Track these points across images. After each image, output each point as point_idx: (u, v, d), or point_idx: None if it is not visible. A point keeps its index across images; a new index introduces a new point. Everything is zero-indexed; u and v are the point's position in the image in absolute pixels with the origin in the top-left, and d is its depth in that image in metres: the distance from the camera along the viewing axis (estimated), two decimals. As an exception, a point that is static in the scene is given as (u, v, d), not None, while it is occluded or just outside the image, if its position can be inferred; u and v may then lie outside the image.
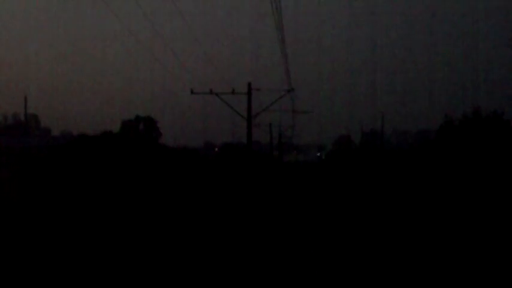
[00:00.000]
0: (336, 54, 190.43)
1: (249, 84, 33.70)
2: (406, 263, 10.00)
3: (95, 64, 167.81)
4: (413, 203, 21.46)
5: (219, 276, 8.89)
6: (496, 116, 36.38)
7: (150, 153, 32.29)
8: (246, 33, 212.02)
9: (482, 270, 9.42)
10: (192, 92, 32.65)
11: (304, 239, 12.75)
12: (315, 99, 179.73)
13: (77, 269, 9.17)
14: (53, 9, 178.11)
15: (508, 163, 28.55)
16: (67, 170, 24.03)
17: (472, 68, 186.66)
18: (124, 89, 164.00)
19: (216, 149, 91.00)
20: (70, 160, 25.57)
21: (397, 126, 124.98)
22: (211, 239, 12.54)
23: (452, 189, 26.28)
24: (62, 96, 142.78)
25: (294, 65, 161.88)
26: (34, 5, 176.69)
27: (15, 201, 18.21)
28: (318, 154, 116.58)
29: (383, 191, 27.76)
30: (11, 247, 10.98)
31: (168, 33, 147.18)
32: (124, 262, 9.81)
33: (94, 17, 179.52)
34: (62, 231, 13.00)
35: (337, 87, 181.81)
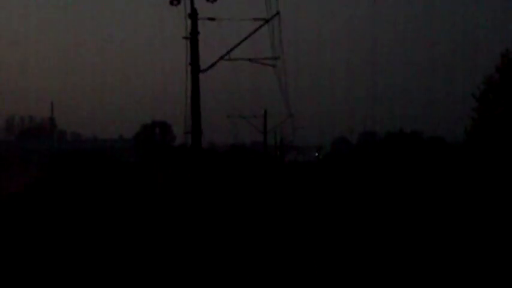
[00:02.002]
0: (336, 55, 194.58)
1: (265, 111, 45.94)
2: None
3: (108, 70, 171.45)
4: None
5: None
6: (415, 133, 56.58)
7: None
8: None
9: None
10: (228, 117, 42.83)
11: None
12: (314, 99, 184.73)
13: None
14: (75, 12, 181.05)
15: (422, 166, 41.50)
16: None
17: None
18: (135, 95, 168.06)
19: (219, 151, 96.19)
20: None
21: (392, 128, 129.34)
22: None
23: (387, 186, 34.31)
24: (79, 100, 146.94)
25: (294, 65, 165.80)
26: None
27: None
28: (316, 154, 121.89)
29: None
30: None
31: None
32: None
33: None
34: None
35: (336, 89, 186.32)
